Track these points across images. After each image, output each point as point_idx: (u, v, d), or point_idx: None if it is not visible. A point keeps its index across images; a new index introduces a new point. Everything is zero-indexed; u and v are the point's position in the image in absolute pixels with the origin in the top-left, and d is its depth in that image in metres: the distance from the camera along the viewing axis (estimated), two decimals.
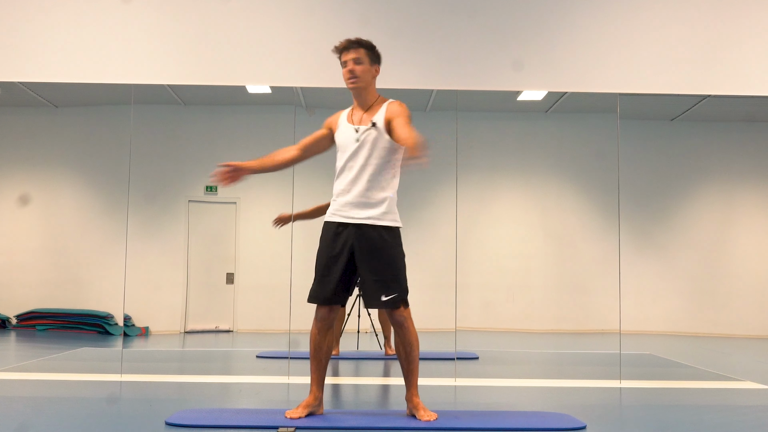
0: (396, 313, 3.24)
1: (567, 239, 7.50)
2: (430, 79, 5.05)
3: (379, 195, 3.23)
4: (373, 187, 3.22)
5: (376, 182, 3.22)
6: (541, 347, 7.01)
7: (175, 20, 4.99)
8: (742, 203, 7.88)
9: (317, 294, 3.29)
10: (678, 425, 3.44)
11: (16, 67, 4.94)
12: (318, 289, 3.28)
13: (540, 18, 5.09)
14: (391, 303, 3.21)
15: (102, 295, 7.45)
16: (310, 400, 3.29)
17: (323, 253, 3.30)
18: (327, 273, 3.26)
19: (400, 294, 3.23)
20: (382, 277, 3.21)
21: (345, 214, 3.25)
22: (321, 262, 3.30)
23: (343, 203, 3.27)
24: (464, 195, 5.46)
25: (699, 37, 5.05)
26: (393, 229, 3.26)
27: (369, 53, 3.31)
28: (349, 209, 3.24)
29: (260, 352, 5.81)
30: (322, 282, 3.27)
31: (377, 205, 3.22)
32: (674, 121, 7.56)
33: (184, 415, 3.28)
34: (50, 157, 7.84)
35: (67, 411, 3.60)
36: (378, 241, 3.21)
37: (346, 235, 3.24)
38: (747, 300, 7.58)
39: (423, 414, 3.24)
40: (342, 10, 5.03)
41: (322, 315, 3.30)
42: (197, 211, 7.09)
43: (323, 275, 3.27)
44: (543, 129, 7.47)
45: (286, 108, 5.16)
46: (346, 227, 3.25)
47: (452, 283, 5.02)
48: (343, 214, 3.26)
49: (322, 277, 3.27)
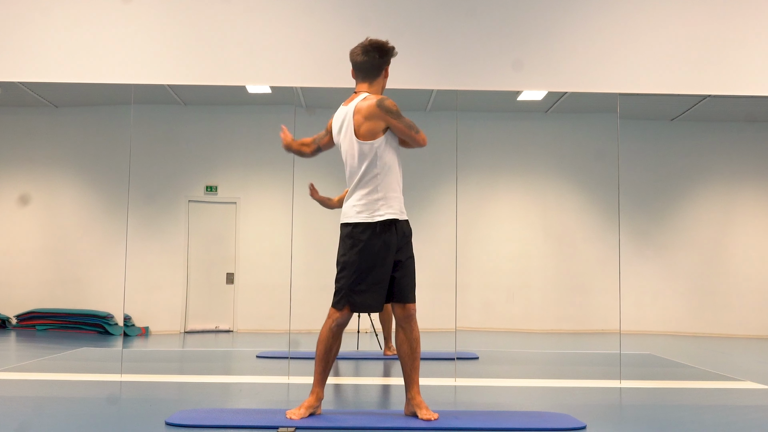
0: (411, 306, 3.29)
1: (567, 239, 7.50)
2: (430, 79, 5.06)
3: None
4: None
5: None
6: (541, 347, 7.00)
7: (175, 20, 4.99)
8: (742, 203, 7.87)
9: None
10: (678, 425, 3.44)
11: (16, 67, 4.94)
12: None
13: (540, 18, 5.09)
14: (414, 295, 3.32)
15: (102, 295, 7.45)
16: (313, 401, 3.29)
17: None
18: (381, 280, 3.23)
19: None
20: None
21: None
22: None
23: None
24: (464, 195, 5.46)
25: (699, 37, 5.05)
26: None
27: None
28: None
29: (260, 352, 5.81)
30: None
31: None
32: (674, 121, 7.56)
33: (184, 415, 3.28)
34: (50, 157, 7.84)
35: (67, 411, 3.60)
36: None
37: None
38: (747, 300, 7.57)
39: (425, 413, 3.24)
40: (342, 10, 5.03)
41: (343, 320, 3.29)
42: (197, 211, 7.09)
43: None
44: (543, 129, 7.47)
45: (286, 108, 5.16)
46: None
47: (452, 283, 5.02)
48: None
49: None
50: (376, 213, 3.20)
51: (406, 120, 3.25)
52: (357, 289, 3.22)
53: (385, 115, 3.21)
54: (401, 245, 3.27)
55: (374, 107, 3.21)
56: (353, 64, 3.36)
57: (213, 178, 7.22)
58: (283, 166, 4.98)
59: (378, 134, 3.22)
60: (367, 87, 3.34)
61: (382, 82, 3.38)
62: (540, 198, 7.63)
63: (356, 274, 3.21)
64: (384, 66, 3.36)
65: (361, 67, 3.34)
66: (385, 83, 3.40)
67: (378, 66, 3.33)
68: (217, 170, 7.31)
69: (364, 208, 3.21)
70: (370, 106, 3.21)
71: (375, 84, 3.35)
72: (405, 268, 3.28)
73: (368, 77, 3.34)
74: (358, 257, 3.20)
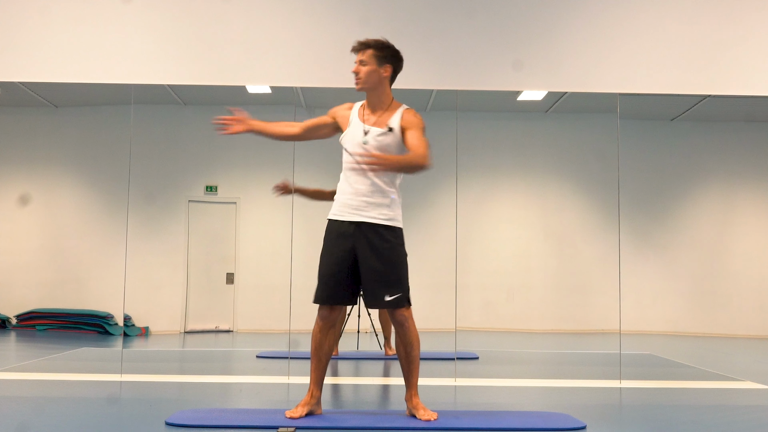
0: (398, 312, 3.24)
1: (567, 239, 7.50)
2: (430, 79, 5.05)
3: (382, 196, 3.23)
4: (377, 188, 3.23)
5: (379, 183, 3.23)
6: (541, 347, 7.01)
7: (175, 20, 4.99)
8: (742, 203, 7.87)
9: (320, 294, 3.28)
10: (678, 425, 3.44)
11: (16, 67, 4.94)
12: (322, 290, 3.28)
13: (540, 18, 5.09)
14: (394, 303, 3.22)
15: (102, 295, 7.45)
16: (308, 398, 3.29)
17: (327, 252, 3.29)
18: (331, 273, 3.26)
19: (404, 294, 3.23)
20: (385, 278, 3.21)
21: (347, 214, 3.25)
22: (325, 261, 3.29)
23: (345, 203, 3.27)
24: (464, 195, 5.46)
25: (699, 37, 5.05)
26: (395, 228, 3.26)
27: (376, 54, 3.27)
28: (351, 209, 3.25)
29: (260, 352, 5.81)
30: (327, 282, 3.27)
31: (380, 206, 3.23)
32: (674, 121, 7.56)
33: (184, 415, 3.28)
34: (50, 157, 7.84)
35: (67, 411, 3.59)
36: (380, 241, 3.21)
37: (349, 234, 3.24)
38: (747, 300, 7.57)
39: (423, 414, 3.24)
40: (342, 10, 5.03)
41: (324, 314, 3.30)
42: (197, 211, 7.09)
43: (328, 275, 3.27)
44: (543, 129, 7.47)
45: (286, 108, 5.16)
46: (349, 226, 3.25)
47: (452, 284, 5.02)
48: (346, 213, 3.26)
49: (327, 278, 3.27)
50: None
51: None
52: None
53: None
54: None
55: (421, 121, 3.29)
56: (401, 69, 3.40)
57: (213, 178, 7.22)
58: (283, 166, 4.98)
59: None
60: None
61: None
62: (540, 198, 7.63)
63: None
64: None
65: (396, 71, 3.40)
66: None
67: None
68: (217, 170, 7.31)
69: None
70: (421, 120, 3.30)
71: None
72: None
73: None
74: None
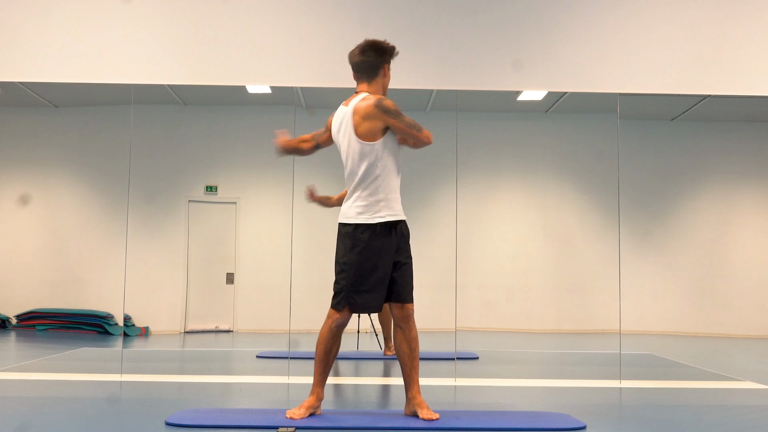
0: (410, 306, 3.30)
1: (567, 239, 7.50)
2: (430, 79, 5.06)
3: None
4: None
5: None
6: (541, 347, 7.01)
7: (175, 20, 4.99)
8: (742, 203, 7.87)
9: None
10: (678, 425, 3.44)
11: (16, 67, 4.94)
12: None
13: (540, 18, 5.09)
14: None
15: (102, 295, 7.45)
16: (313, 401, 3.29)
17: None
18: (380, 280, 3.22)
19: None
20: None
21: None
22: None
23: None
24: (464, 195, 5.46)
25: (699, 37, 5.05)
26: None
27: None
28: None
29: (260, 352, 5.81)
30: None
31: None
32: (674, 121, 7.56)
33: (184, 415, 3.28)
34: (50, 157, 7.84)
35: (67, 411, 3.60)
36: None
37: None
38: (747, 300, 7.57)
39: (425, 413, 3.24)
40: (342, 10, 5.03)
41: (343, 321, 3.29)
42: (197, 211, 7.09)
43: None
44: (543, 129, 7.47)
45: (286, 108, 5.16)
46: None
47: (452, 283, 5.02)
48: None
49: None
50: (377, 214, 3.21)
51: (406, 119, 3.24)
52: (357, 290, 3.22)
53: (384, 114, 3.20)
54: (400, 246, 3.28)
55: (372, 107, 3.21)
56: (351, 65, 3.37)
57: (213, 178, 7.22)
58: (283, 166, 4.98)
59: (377, 135, 3.22)
60: (366, 87, 3.34)
61: (381, 82, 3.37)
62: (540, 198, 7.63)
63: (357, 274, 3.21)
64: (382, 65, 3.35)
65: (358, 67, 3.34)
66: (386, 83, 3.39)
67: (375, 65, 3.33)
68: (217, 170, 7.31)
69: (365, 209, 3.21)
70: (368, 106, 3.21)
71: (374, 84, 3.34)
72: (404, 268, 3.29)
73: (367, 77, 3.34)
74: (359, 258, 3.20)
